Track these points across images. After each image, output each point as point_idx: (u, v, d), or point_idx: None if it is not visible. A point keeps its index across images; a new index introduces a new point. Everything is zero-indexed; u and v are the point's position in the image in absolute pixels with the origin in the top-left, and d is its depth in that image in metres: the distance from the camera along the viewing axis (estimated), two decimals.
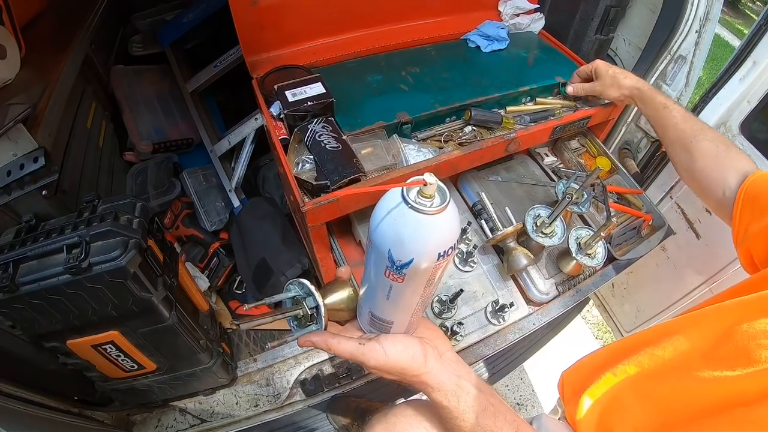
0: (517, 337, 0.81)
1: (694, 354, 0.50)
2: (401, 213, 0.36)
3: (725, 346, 0.47)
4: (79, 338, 0.83)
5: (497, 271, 0.86)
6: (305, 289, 0.55)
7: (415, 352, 0.50)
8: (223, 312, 1.32)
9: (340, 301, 0.56)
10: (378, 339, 0.50)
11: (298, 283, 0.56)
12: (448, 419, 0.52)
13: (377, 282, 0.44)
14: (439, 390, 0.50)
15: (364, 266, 0.47)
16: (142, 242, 0.76)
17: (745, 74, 0.96)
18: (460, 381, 0.51)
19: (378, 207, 0.39)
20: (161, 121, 1.52)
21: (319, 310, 0.53)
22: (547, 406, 1.70)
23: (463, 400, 0.50)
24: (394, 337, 0.50)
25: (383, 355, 0.49)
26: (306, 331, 0.54)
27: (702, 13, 0.97)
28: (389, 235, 0.38)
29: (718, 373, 0.45)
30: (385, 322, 0.50)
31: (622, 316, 1.50)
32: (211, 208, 1.41)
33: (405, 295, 0.44)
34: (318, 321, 0.54)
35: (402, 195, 0.36)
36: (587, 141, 1.10)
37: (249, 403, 1.19)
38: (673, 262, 1.24)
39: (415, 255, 0.38)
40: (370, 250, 0.43)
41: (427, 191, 0.36)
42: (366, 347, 0.49)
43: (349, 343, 0.50)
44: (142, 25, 1.67)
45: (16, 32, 0.93)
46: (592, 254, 0.81)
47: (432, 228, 0.37)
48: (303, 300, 0.54)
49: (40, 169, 0.84)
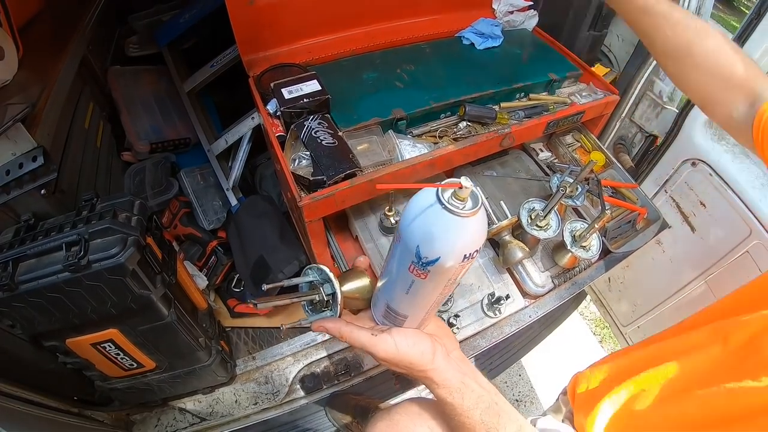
0: (514, 330, 0.81)
1: (718, 365, 0.50)
2: (435, 212, 0.38)
3: (750, 357, 0.46)
4: (78, 337, 0.83)
5: (493, 264, 0.86)
6: (323, 275, 0.56)
7: (424, 348, 0.51)
8: (222, 310, 1.32)
9: (356, 290, 0.57)
10: (390, 331, 0.51)
11: (317, 268, 0.57)
12: (451, 416, 0.52)
13: (399, 276, 0.46)
14: (444, 387, 0.51)
15: (387, 260, 0.49)
16: (140, 239, 0.76)
17: None
18: (465, 379, 0.51)
19: (411, 204, 0.40)
20: (158, 121, 1.52)
21: (335, 297, 0.54)
22: (545, 402, 1.70)
23: (468, 398, 0.51)
24: (405, 332, 0.52)
25: (394, 348, 0.50)
26: (320, 316, 0.55)
27: (694, 8, 0.98)
28: (420, 232, 0.39)
29: (744, 384, 0.44)
30: (400, 316, 0.52)
31: (619, 311, 1.51)
32: (209, 207, 1.41)
33: (425, 292, 0.46)
34: (333, 308, 0.55)
35: (437, 195, 0.38)
36: (582, 136, 1.10)
37: (248, 401, 1.20)
38: (669, 256, 1.25)
39: (442, 254, 0.39)
40: (396, 245, 0.44)
41: (461, 194, 0.37)
42: (378, 338, 0.50)
43: (362, 332, 0.51)
44: (138, 26, 1.67)
45: (13, 33, 0.94)
46: (587, 247, 0.82)
47: (462, 230, 0.38)
48: (320, 286, 0.55)
49: (39, 168, 0.84)
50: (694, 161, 1.07)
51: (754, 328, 0.48)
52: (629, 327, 1.47)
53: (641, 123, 1.17)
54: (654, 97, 1.13)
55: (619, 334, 1.54)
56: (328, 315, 0.55)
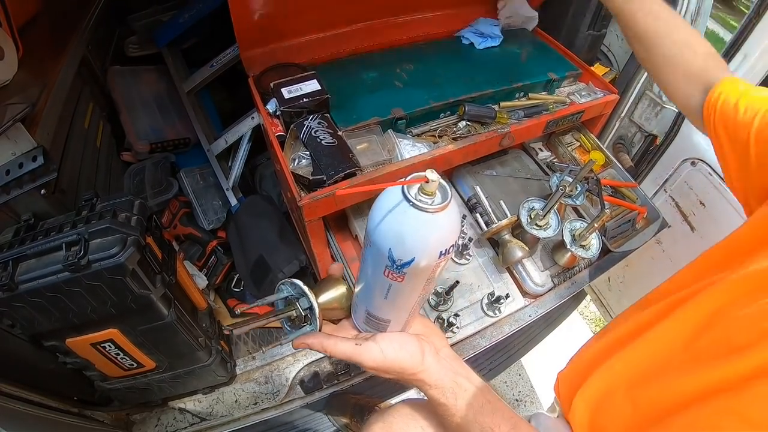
0: (514, 329, 0.81)
1: (677, 345, 0.49)
2: (402, 211, 0.35)
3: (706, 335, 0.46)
4: (78, 337, 0.83)
5: (493, 263, 0.86)
6: (298, 290, 0.53)
7: (412, 350, 0.49)
8: (222, 310, 1.32)
9: (334, 300, 0.55)
10: (374, 338, 0.49)
11: (290, 283, 0.54)
12: (445, 416, 0.51)
13: (375, 281, 0.43)
14: (436, 387, 0.50)
15: (361, 265, 0.46)
16: (140, 239, 0.76)
17: (736, 67, 0.97)
18: (457, 378, 0.50)
19: (377, 205, 0.38)
20: (158, 121, 1.52)
21: (313, 311, 0.52)
22: (545, 402, 1.71)
23: (461, 397, 0.50)
24: (390, 336, 0.50)
25: (380, 355, 0.48)
26: (300, 332, 0.53)
27: (693, 8, 0.98)
28: (390, 234, 0.37)
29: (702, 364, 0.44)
30: (382, 321, 0.50)
31: (619, 310, 1.50)
32: (209, 207, 1.41)
33: (404, 294, 0.44)
34: (312, 321, 0.53)
35: (403, 193, 0.35)
36: (581, 136, 1.11)
37: (248, 401, 1.20)
38: (669, 256, 1.25)
39: (416, 254, 0.37)
40: (367, 249, 0.42)
41: (428, 188, 0.35)
42: (362, 347, 0.49)
43: (346, 343, 0.49)
44: (138, 26, 1.67)
45: (13, 33, 0.94)
46: (587, 246, 0.82)
47: (434, 226, 0.36)
48: (296, 300, 0.53)
49: (39, 168, 0.84)
50: (694, 160, 1.07)
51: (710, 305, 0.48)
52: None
53: (641, 122, 1.17)
54: (653, 97, 1.13)
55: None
56: (308, 330, 0.53)
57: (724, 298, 0.47)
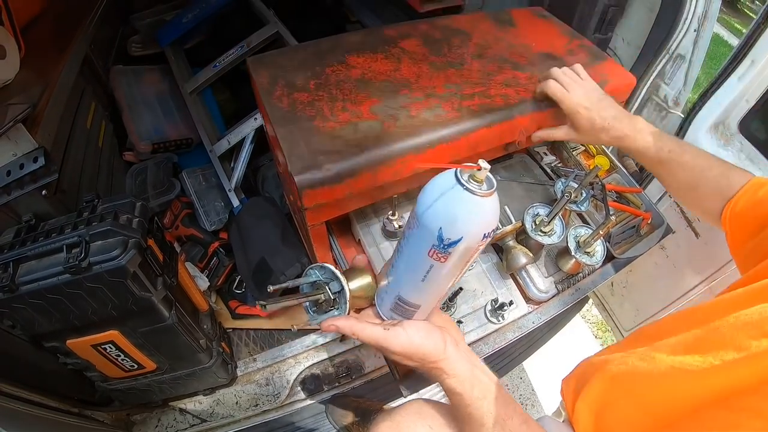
0: (517, 336, 0.81)
1: (680, 349, 0.50)
2: (456, 194, 0.39)
3: (712, 338, 0.47)
4: (78, 338, 0.83)
5: (496, 269, 0.85)
6: (328, 274, 0.55)
7: (436, 339, 0.52)
8: (223, 311, 1.32)
9: (360, 288, 0.57)
10: (402, 325, 0.52)
11: (320, 267, 0.56)
12: (460, 407, 0.53)
13: (416, 263, 0.46)
14: (455, 377, 0.51)
15: (398, 251, 0.49)
16: (141, 242, 0.76)
17: (743, 73, 0.96)
18: (474, 370, 0.52)
19: (429, 189, 0.42)
20: (161, 121, 1.52)
21: (343, 295, 0.54)
22: (546, 405, 1.70)
23: (477, 388, 0.52)
24: (417, 324, 0.52)
25: (407, 341, 0.51)
26: (327, 316, 0.55)
27: (700, 12, 0.97)
28: (442, 214, 0.40)
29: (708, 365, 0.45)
30: (411, 307, 0.52)
31: (622, 315, 1.50)
32: (211, 208, 1.41)
33: (441, 276, 0.47)
34: (340, 306, 0.55)
35: (456, 177, 0.39)
36: None
37: (249, 403, 1.20)
38: (672, 261, 1.24)
39: (464, 234, 0.41)
40: (412, 231, 0.45)
41: (480, 176, 0.39)
42: (391, 332, 0.51)
43: (375, 328, 0.52)
44: (141, 26, 1.67)
45: (15, 32, 0.94)
46: (591, 252, 0.81)
47: (482, 209, 0.40)
48: (326, 284, 0.55)
49: (40, 168, 0.84)
50: None
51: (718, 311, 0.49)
52: (631, 331, 1.46)
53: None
54: (659, 101, 1.12)
55: (621, 337, 1.54)
56: (335, 314, 0.55)
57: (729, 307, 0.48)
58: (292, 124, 0.73)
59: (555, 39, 1.00)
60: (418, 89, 0.82)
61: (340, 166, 0.68)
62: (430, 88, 0.83)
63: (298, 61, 0.86)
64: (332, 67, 0.85)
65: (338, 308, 0.55)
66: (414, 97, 0.81)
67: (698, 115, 1.04)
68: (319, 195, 0.69)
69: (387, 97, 0.80)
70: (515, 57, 0.94)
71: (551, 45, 0.98)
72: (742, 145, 1.00)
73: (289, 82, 0.81)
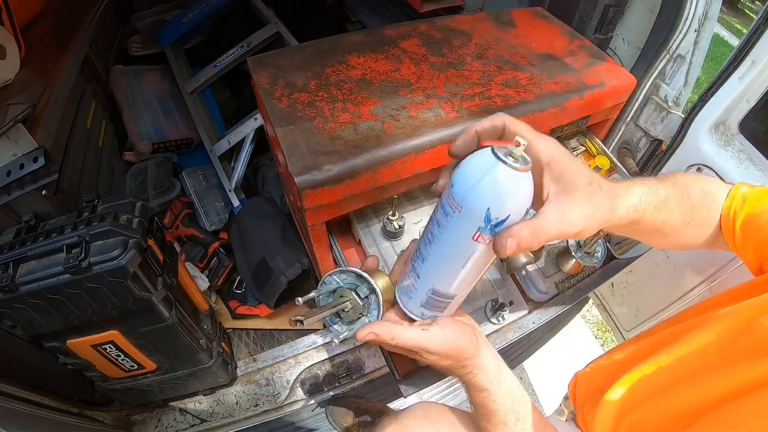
0: (517, 336, 0.81)
1: (712, 349, 0.50)
2: (500, 172, 0.38)
3: (743, 339, 0.47)
4: (79, 338, 0.83)
5: (496, 270, 0.86)
6: (351, 279, 0.52)
7: (470, 335, 0.51)
8: (223, 312, 1.32)
9: (385, 290, 0.54)
10: (438, 323, 0.51)
11: (340, 272, 0.53)
12: (484, 404, 0.53)
13: (456, 251, 0.44)
14: (486, 372, 0.51)
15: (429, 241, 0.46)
16: (141, 242, 0.76)
17: (744, 73, 0.96)
18: (500, 365, 0.53)
19: (469, 170, 0.40)
20: (161, 121, 1.52)
21: (376, 296, 0.51)
22: (546, 405, 1.70)
23: (503, 384, 0.52)
24: (451, 321, 0.52)
25: (445, 339, 0.50)
26: (359, 324, 0.52)
27: (701, 12, 0.97)
28: (489, 194, 0.39)
29: (737, 365, 0.45)
30: (447, 298, 0.50)
31: (622, 315, 1.50)
32: (211, 208, 1.41)
33: (482, 260, 0.45)
34: (370, 311, 0.52)
35: (496, 155, 0.39)
36: (586, 140, 1.10)
37: (249, 403, 1.20)
38: (673, 261, 1.24)
39: (511, 211, 0.40)
40: (452, 217, 0.42)
41: (517, 152, 0.39)
42: (430, 332, 0.49)
43: (413, 330, 0.49)
44: (141, 25, 1.67)
45: (15, 32, 0.94)
46: (592, 253, 0.81)
47: (524, 184, 0.40)
48: (352, 290, 0.52)
49: (40, 168, 0.84)
50: (700, 166, 1.06)
51: (750, 313, 0.48)
52: (632, 331, 1.46)
53: (646, 127, 1.16)
54: (659, 101, 1.12)
55: (621, 338, 1.53)
56: (365, 321, 0.52)
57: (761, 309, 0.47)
58: (292, 124, 0.73)
59: (555, 39, 1.00)
60: (418, 90, 0.82)
61: (340, 166, 0.68)
62: (431, 88, 0.83)
63: (299, 61, 0.86)
64: (332, 67, 0.85)
65: (368, 314, 0.52)
66: (414, 97, 0.81)
67: (698, 115, 1.04)
68: (319, 195, 0.69)
69: (387, 98, 0.80)
70: (515, 57, 0.94)
71: (551, 45, 0.98)
72: (742, 145, 1.00)
73: (290, 82, 0.81)
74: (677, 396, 0.50)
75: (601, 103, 0.95)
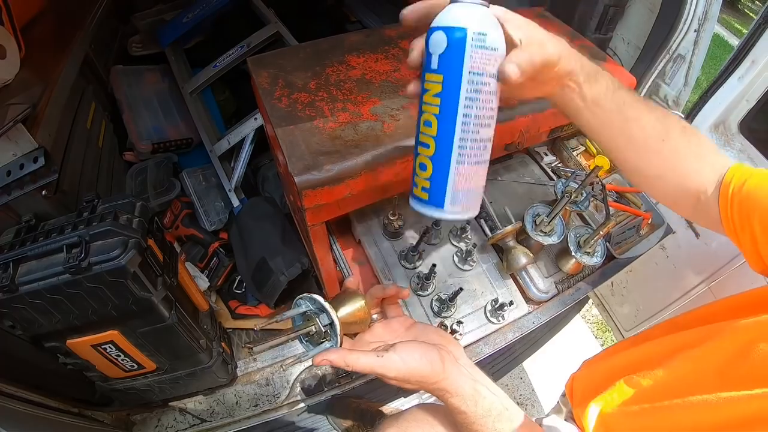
0: (517, 336, 0.81)
1: (710, 370, 0.49)
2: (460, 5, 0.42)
3: (741, 364, 0.46)
4: (78, 338, 0.83)
5: (497, 269, 0.86)
6: (317, 305, 0.54)
7: (432, 359, 0.49)
8: (223, 311, 1.32)
9: (353, 314, 0.55)
10: (395, 349, 0.49)
11: (309, 298, 0.54)
12: (464, 425, 0.52)
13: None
14: (457, 395, 0.50)
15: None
16: (141, 242, 0.76)
17: (743, 73, 0.96)
18: (476, 385, 0.51)
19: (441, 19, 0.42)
20: (161, 121, 1.52)
21: (333, 327, 0.52)
22: (546, 405, 1.70)
23: (480, 405, 0.50)
24: (410, 346, 0.50)
25: (402, 365, 0.48)
26: (320, 349, 0.53)
27: (701, 12, 0.97)
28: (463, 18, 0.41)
29: (734, 393, 0.44)
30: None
31: (622, 315, 1.50)
32: (211, 208, 1.41)
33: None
34: (332, 338, 0.53)
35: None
36: (586, 140, 1.10)
37: (249, 403, 1.19)
38: (673, 261, 1.24)
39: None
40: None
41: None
42: (384, 359, 0.48)
43: (368, 357, 0.49)
44: (141, 25, 1.67)
45: (15, 32, 0.93)
46: (592, 253, 0.81)
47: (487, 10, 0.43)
48: (316, 316, 0.53)
49: (40, 169, 0.84)
50: None
51: (749, 335, 0.48)
52: (631, 331, 1.46)
53: None
54: (659, 101, 1.12)
55: (621, 338, 1.54)
56: (327, 346, 0.53)
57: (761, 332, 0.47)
58: (292, 124, 0.73)
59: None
60: None
61: (340, 166, 0.68)
62: None
63: (299, 61, 0.86)
64: (332, 67, 0.85)
65: (330, 340, 0.53)
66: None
67: (698, 115, 1.04)
68: (319, 195, 0.69)
69: (387, 98, 0.80)
70: None
71: None
72: (742, 145, 1.01)
73: (289, 82, 0.81)
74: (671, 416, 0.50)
75: None
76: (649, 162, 0.56)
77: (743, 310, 0.53)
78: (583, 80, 0.50)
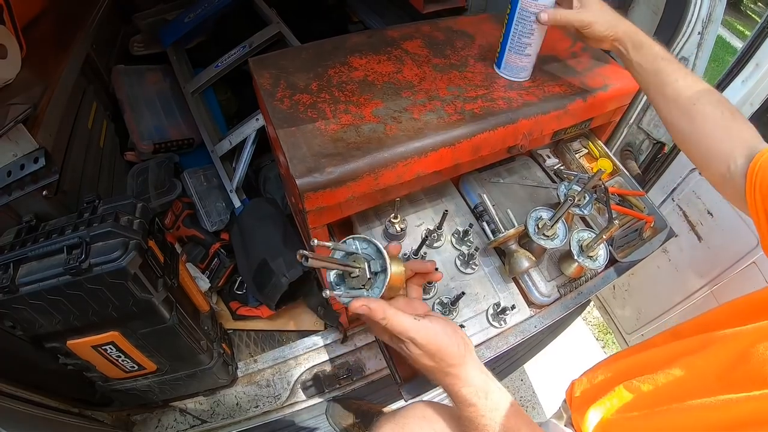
0: (519, 340, 0.80)
1: (709, 375, 0.49)
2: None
3: (740, 368, 0.46)
4: (79, 339, 0.83)
5: (499, 273, 0.85)
6: (371, 250, 0.51)
7: (458, 341, 0.50)
8: (224, 313, 1.32)
9: (398, 275, 0.53)
10: (430, 319, 0.50)
11: (363, 240, 0.52)
12: (471, 418, 0.52)
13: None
14: (470, 385, 0.50)
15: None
16: (142, 243, 0.76)
17: (747, 76, 0.96)
18: (487, 379, 0.52)
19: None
20: (162, 121, 1.52)
21: (384, 276, 0.49)
22: (546, 407, 1.70)
23: (491, 398, 0.51)
24: (444, 321, 0.51)
25: (434, 336, 0.48)
26: (357, 293, 0.51)
27: (704, 14, 0.96)
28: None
29: (733, 395, 0.44)
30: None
31: (623, 317, 1.50)
32: (212, 209, 1.41)
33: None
34: (373, 288, 0.50)
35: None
36: (589, 143, 1.09)
37: (249, 404, 1.20)
38: (675, 265, 1.23)
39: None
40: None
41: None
42: (421, 324, 0.48)
43: (406, 317, 0.48)
44: (143, 25, 1.66)
45: (17, 32, 0.93)
46: (594, 256, 0.80)
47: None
48: (365, 261, 0.51)
49: (41, 169, 0.84)
50: None
51: (748, 340, 0.48)
52: (633, 334, 1.46)
53: (649, 130, 1.16)
54: None
55: (622, 340, 1.53)
56: (365, 294, 0.50)
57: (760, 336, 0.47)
58: (294, 125, 0.73)
59: (558, 41, 0.99)
60: (420, 91, 0.82)
61: (341, 168, 0.68)
62: (433, 90, 0.83)
63: (300, 62, 0.85)
64: (334, 68, 0.84)
65: (370, 290, 0.51)
66: (417, 99, 0.80)
67: None
68: (321, 198, 0.69)
69: (389, 100, 0.79)
70: None
71: (554, 48, 0.97)
72: None
73: (291, 83, 0.80)
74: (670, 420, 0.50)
75: (604, 106, 0.95)
76: (680, 120, 0.68)
77: (744, 315, 0.53)
78: (630, 48, 0.71)
